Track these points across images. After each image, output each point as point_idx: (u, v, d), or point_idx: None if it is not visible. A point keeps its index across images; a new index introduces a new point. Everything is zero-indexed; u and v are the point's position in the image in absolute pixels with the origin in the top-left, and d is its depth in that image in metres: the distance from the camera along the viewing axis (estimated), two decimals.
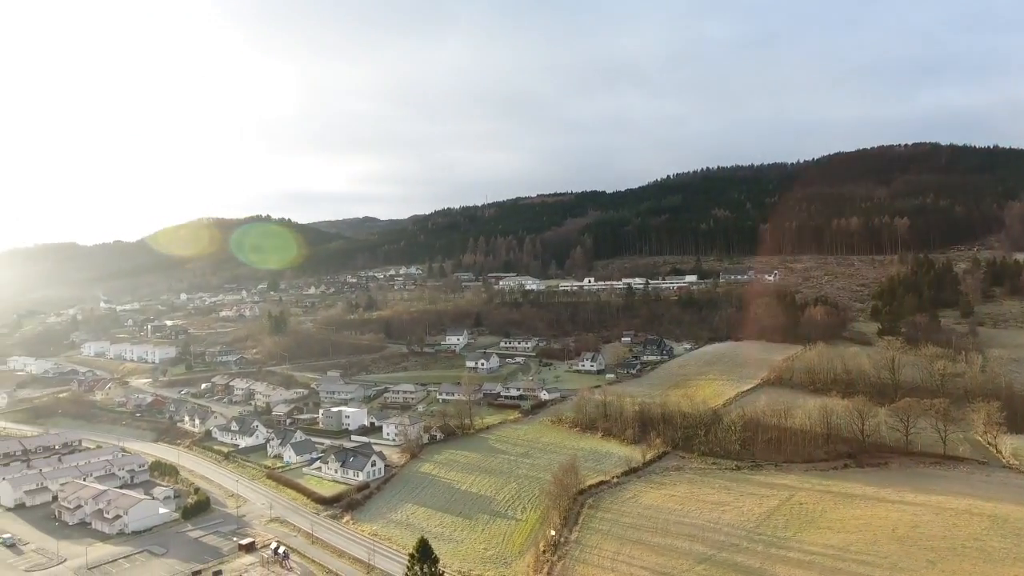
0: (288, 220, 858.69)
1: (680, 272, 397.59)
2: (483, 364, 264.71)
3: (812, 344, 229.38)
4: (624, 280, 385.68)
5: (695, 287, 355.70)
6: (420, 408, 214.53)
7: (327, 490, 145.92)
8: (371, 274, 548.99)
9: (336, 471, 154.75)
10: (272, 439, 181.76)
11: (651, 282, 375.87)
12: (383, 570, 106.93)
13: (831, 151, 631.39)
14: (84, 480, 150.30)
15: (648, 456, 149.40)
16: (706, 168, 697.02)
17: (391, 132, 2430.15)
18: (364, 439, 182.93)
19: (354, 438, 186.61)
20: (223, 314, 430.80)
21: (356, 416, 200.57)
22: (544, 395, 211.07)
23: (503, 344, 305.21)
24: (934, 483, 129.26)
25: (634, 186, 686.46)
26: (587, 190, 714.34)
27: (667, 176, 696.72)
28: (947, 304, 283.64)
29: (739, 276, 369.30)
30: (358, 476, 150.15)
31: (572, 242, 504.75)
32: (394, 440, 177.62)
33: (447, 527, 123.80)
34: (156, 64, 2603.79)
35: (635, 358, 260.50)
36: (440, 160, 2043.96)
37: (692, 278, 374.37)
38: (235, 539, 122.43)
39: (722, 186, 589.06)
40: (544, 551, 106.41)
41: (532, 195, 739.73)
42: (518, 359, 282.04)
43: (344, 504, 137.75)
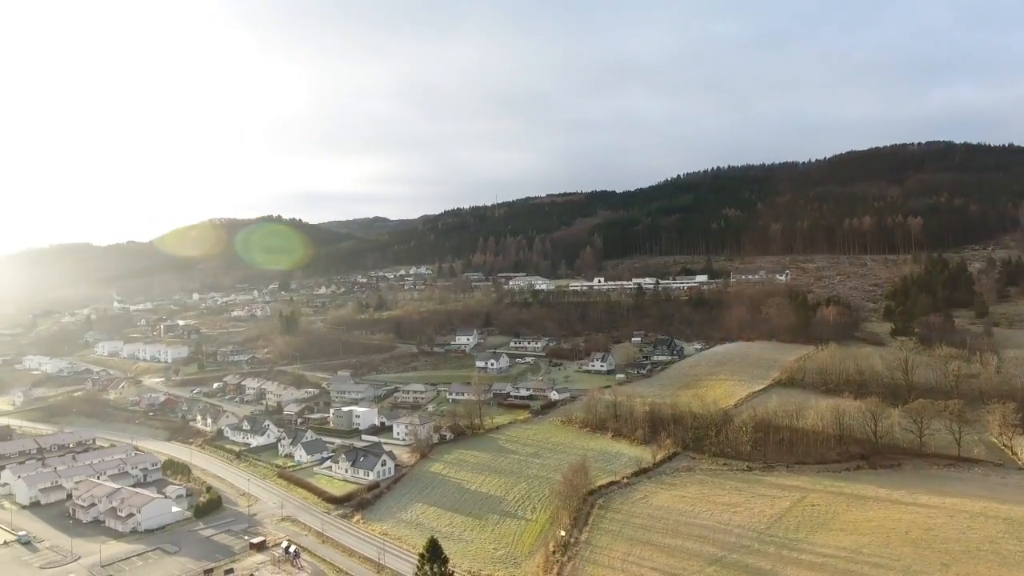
0: (299, 220, 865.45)
1: (690, 272, 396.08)
2: (493, 364, 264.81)
3: (824, 344, 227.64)
4: (634, 280, 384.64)
5: (706, 287, 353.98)
6: (430, 408, 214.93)
7: (338, 489, 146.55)
8: (381, 274, 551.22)
9: (347, 470, 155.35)
10: (283, 438, 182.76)
11: (661, 282, 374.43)
12: (393, 569, 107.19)
13: (843, 150, 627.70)
14: (98, 478, 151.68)
15: (659, 457, 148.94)
16: (716, 167, 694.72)
17: (401, 132, 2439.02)
18: (374, 439, 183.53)
19: (364, 438, 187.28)
20: (235, 314, 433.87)
21: (366, 416, 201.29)
22: (554, 395, 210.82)
23: (513, 344, 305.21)
24: (948, 485, 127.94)
25: (644, 185, 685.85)
26: (597, 190, 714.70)
27: (677, 175, 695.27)
28: (961, 304, 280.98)
29: (750, 276, 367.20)
30: (368, 475, 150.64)
31: (582, 242, 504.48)
32: (404, 440, 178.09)
33: (457, 527, 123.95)
34: (169, 66, 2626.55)
35: (645, 358, 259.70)
36: (450, 160, 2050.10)
37: (703, 278, 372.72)
38: (246, 538, 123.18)
39: (733, 185, 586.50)
40: (554, 551, 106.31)
41: (542, 195, 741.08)
42: (528, 359, 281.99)
43: (355, 503, 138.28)
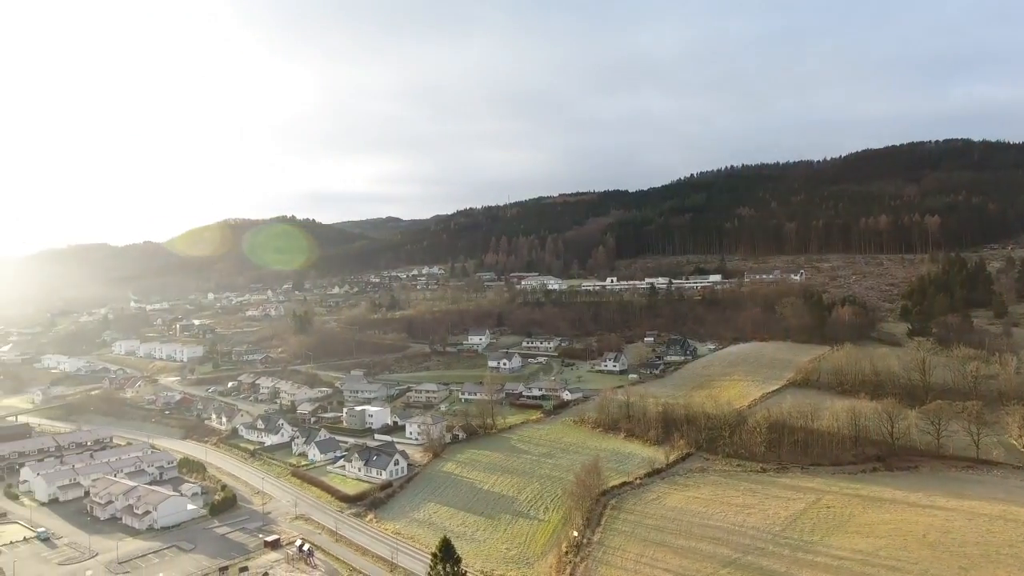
0: (312, 220, 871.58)
1: (704, 272, 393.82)
2: (505, 364, 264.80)
3: (839, 345, 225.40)
4: (647, 280, 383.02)
5: (719, 287, 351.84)
6: (442, 407, 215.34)
7: (351, 488, 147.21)
8: (394, 274, 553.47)
9: (360, 469, 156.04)
10: (297, 437, 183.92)
11: (674, 282, 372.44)
12: (406, 569, 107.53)
13: (859, 148, 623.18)
14: (115, 476, 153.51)
15: (672, 457, 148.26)
16: (730, 166, 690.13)
17: (414, 133, 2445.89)
18: (387, 438, 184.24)
19: (377, 437, 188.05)
20: (249, 313, 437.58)
21: (379, 415, 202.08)
22: (566, 395, 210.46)
23: (525, 344, 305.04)
24: (967, 488, 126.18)
25: (657, 185, 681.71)
26: (609, 189, 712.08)
27: (691, 175, 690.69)
28: (980, 304, 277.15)
29: (764, 276, 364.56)
30: (381, 475, 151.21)
31: (594, 241, 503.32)
32: (417, 439, 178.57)
33: (469, 526, 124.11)
34: (184, 69, 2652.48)
35: (658, 358, 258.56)
36: (462, 160, 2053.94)
37: (716, 278, 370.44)
38: (261, 536, 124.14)
39: (747, 184, 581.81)
40: (566, 552, 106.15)
41: (554, 194, 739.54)
42: (540, 359, 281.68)
43: (367, 502, 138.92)
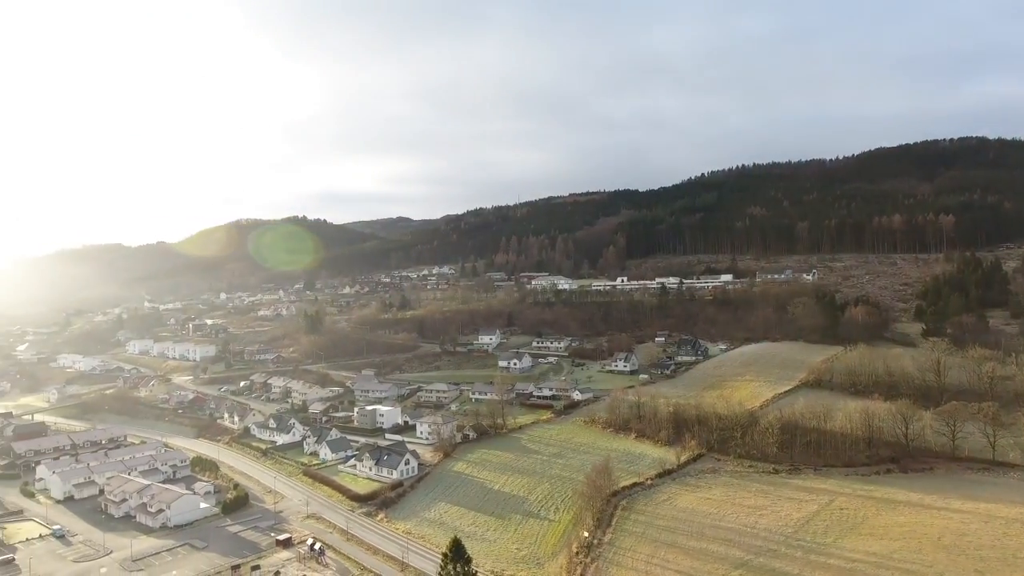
0: (323, 221, 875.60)
1: (715, 271, 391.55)
2: (515, 364, 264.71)
3: (853, 345, 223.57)
4: (658, 279, 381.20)
5: (730, 286, 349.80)
6: (453, 407, 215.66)
7: (362, 488, 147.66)
8: (404, 274, 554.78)
9: (370, 469, 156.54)
10: (308, 436, 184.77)
11: (685, 281, 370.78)
12: (417, 568, 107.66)
13: (872, 147, 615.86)
14: (129, 474, 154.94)
15: (683, 458, 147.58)
16: (742, 165, 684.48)
17: (424, 133, 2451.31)
18: (398, 437, 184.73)
19: (388, 436, 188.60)
20: (261, 313, 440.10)
21: (390, 415, 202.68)
22: (577, 395, 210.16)
23: (535, 344, 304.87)
24: (982, 490, 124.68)
25: (668, 184, 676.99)
26: (620, 189, 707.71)
27: (702, 174, 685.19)
28: (996, 304, 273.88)
29: (776, 275, 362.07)
30: (392, 474, 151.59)
31: (605, 241, 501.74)
32: (427, 439, 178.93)
33: (480, 526, 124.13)
34: (198, 72, 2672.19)
35: (669, 358, 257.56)
36: (472, 160, 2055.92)
37: (727, 277, 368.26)
38: (272, 535, 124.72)
39: (758, 184, 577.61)
40: (577, 552, 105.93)
41: (564, 194, 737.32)
42: (550, 359, 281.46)
43: (378, 502, 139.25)
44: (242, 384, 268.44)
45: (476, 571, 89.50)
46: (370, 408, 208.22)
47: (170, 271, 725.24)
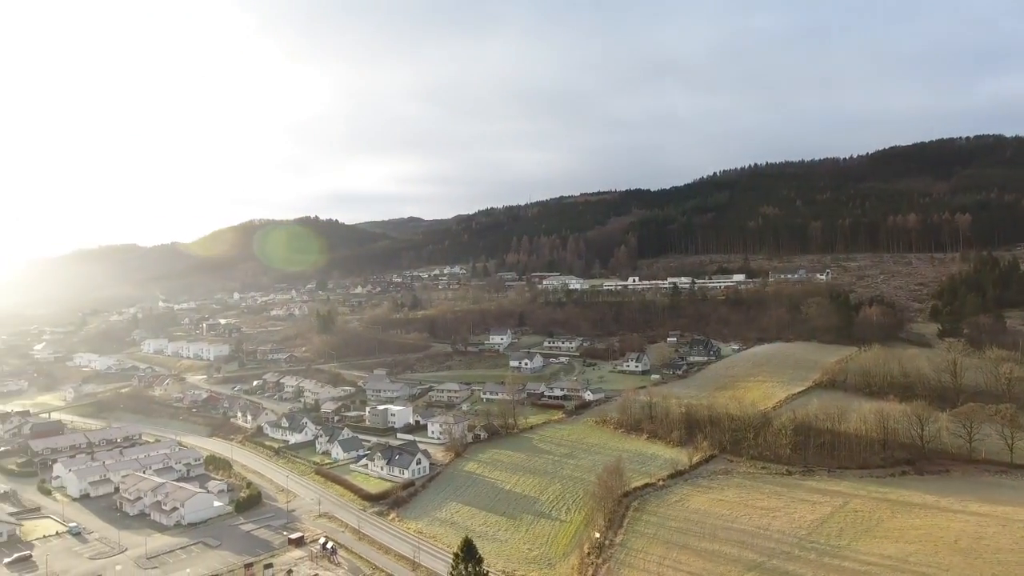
0: (335, 221, 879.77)
1: (727, 271, 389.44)
2: (527, 364, 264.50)
3: (867, 345, 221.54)
4: (669, 279, 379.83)
5: (743, 286, 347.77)
6: (464, 407, 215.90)
7: (373, 487, 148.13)
8: (416, 274, 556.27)
9: (382, 468, 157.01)
10: (320, 436, 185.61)
11: (697, 281, 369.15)
12: (428, 568, 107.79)
13: (886, 145, 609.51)
14: (144, 473, 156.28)
15: (695, 459, 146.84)
16: (754, 164, 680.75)
17: (435, 133, 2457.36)
18: (409, 437, 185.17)
19: (400, 436, 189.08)
20: (273, 313, 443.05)
21: (402, 414, 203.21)
22: (588, 395, 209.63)
23: (547, 344, 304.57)
24: (1000, 493, 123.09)
25: (679, 183, 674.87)
26: (631, 188, 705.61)
27: (714, 173, 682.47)
28: (1013, 304, 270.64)
29: (789, 275, 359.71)
30: (403, 474, 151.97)
31: (616, 241, 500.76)
32: (439, 439, 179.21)
33: (491, 526, 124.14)
34: (213, 75, 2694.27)
35: (681, 359, 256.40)
36: (483, 160, 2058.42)
37: (740, 277, 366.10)
38: (285, 533, 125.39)
39: (771, 183, 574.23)
40: (589, 553, 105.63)
41: (576, 194, 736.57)
42: (562, 359, 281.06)
43: (390, 501, 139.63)
44: (255, 383, 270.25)
45: (487, 571, 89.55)
46: (382, 408, 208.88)
47: (184, 271, 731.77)
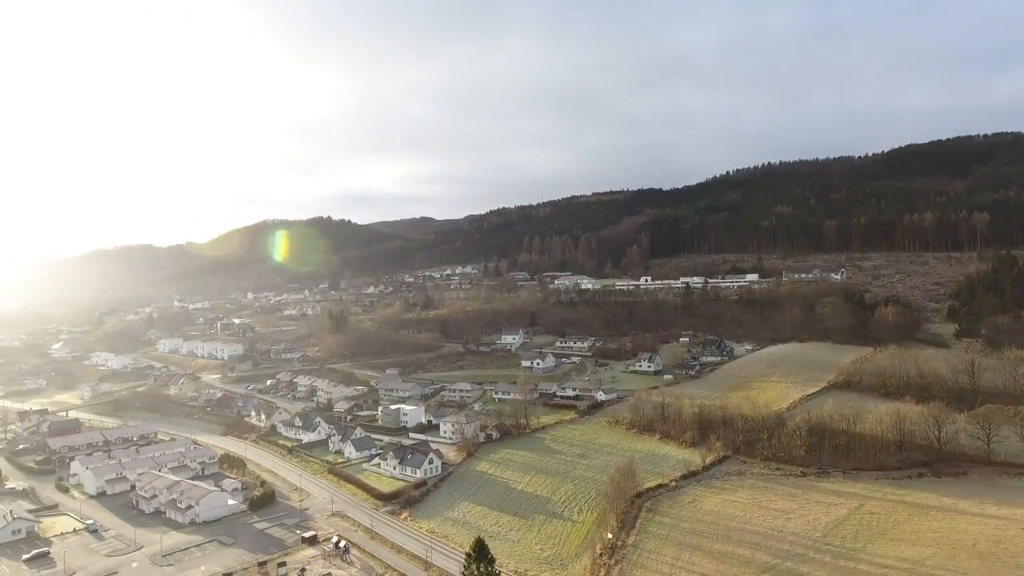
0: (347, 221, 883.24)
1: (740, 271, 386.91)
2: (539, 364, 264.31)
3: (883, 346, 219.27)
4: (682, 279, 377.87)
5: (756, 286, 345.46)
6: (476, 407, 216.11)
7: (386, 486, 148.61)
8: (428, 273, 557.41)
9: (394, 468, 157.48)
10: (333, 435, 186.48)
11: (710, 281, 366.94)
12: (440, 567, 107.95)
13: (902, 143, 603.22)
14: (159, 471, 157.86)
15: (708, 460, 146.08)
16: (767, 163, 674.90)
17: (448, 133, 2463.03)
18: (422, 437, 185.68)
19: (412, 435, 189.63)
20: (287, 313, 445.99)
21: (414, 414, 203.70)
22: (600, 395, 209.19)
23: (559, 344, 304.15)
24: (1019, 495, 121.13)
25: (692, 183, 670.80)
26: (643, 187, 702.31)
27: (726, 172, 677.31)
28: None
29: (803, 275, 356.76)
30: (416, 473, 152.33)
31: (628, 240, 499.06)
32: (451, 438, 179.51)
33: (503, 526, 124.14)
34: (224, 77, 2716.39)
35: (694, 359, 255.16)
36: (496, 160, 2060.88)
37: (753, 277, 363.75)
38: (298, 532, 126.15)
39: (784, 182, 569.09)
40: (601, 554, 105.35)
41: (587, 193, 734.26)
42: (574, 359, 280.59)
43: (402, 501, 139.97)
44: (269, 383, 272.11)
45: (499, 571, 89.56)
46: (394, 407, 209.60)
47: (198, 271, 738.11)
